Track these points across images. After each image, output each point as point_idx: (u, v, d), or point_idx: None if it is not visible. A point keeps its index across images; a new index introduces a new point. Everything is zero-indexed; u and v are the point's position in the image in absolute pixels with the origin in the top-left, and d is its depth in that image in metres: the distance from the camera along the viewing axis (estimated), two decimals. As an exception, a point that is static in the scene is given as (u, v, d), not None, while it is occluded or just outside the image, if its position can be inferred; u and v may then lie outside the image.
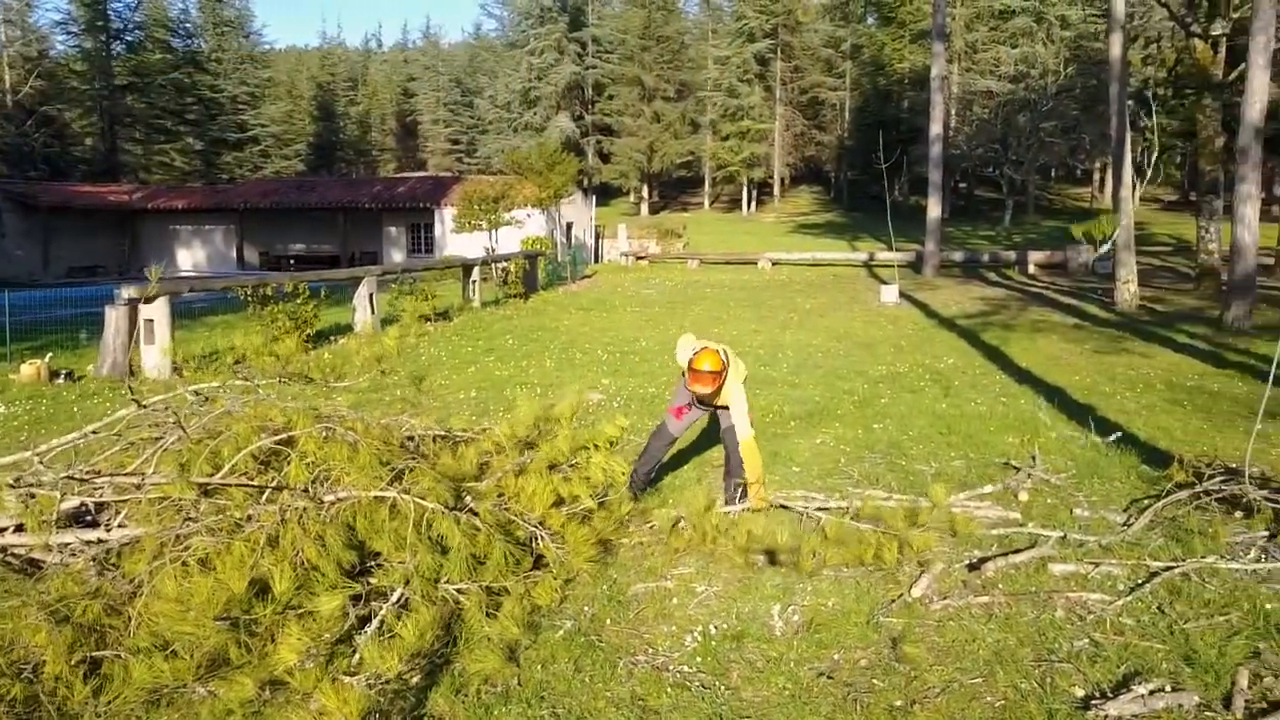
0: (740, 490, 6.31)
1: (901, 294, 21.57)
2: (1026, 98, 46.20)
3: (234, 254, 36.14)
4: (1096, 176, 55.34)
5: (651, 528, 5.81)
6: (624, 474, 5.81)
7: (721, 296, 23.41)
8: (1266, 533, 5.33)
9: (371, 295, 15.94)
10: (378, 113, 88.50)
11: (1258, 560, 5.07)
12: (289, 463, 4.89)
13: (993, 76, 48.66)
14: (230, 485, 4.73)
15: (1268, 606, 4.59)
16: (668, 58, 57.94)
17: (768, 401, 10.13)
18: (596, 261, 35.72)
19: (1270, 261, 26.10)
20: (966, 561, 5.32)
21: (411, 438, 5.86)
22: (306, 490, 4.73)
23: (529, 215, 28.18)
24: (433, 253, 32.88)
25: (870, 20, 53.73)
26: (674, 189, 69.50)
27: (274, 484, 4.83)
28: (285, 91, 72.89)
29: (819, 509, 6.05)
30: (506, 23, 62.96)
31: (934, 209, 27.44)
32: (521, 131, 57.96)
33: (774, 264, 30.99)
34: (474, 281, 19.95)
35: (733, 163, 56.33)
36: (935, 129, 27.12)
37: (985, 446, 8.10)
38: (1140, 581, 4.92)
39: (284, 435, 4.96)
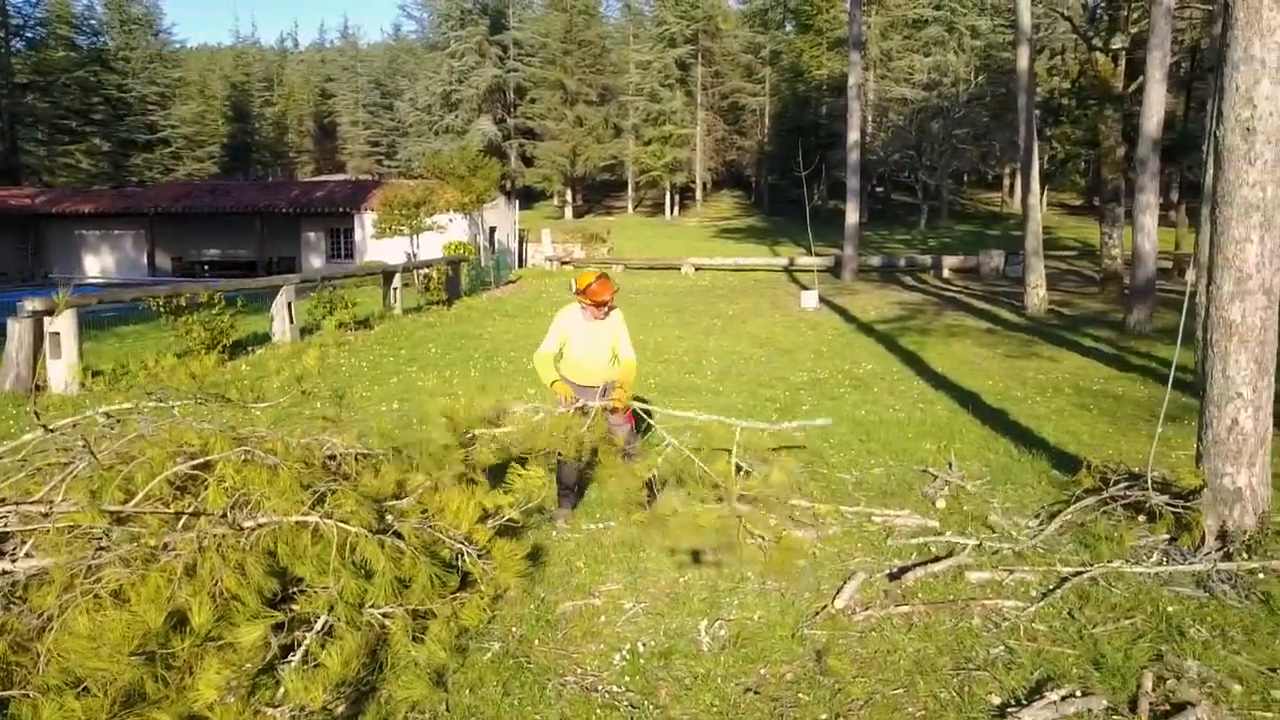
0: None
1: (821, 299, 21.92)
2: (940, 105, 47.42)
3: (145, 260, 34.99)
4: (1006, 182, 57.07)
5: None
6: (546, 483, 5.80)
7: (646, 303, 23.50)
8: (1168, 536, 5.57)
9: (290, 305, 15.59)
10: (294, 114, 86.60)
11: (1160, 564, 5.30)
12: (206, 487, 4.77)
13: (907, 84, 49.82)
14: (145, 513, 4.60)
15: (1169, 609, 4.80)
16: (590, 62, 57.96)
17: (691, 409, 10.19)
18: (520, 266, 35.53)
19: (1169, 265, 27.27)
20: (887, 571, 5.45)
21: (333, 457, 5.76)
22: (225, 516, 4.62)
23: (451, 220, 27.89)
24: (353, 258, 32.32)
25: (789, 27, 54.53)
26: (598, 192, 69.53)
27: (191, 510, 4.70)
28: (197, 91, 70.80)
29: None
30: (426, 24, 62.32)
31: (852, 215, 27.97)
32: (443, 135, 57.37)
33: (697, 269, 31.23)
34: (395, 289, 19.66)
35: (655, 167, 56.62)
36: (853, 136, 27.64)
37: (904, 453, 8.30)
38: (1052, 587, 5.11)
39: (201, 460, 4.84)
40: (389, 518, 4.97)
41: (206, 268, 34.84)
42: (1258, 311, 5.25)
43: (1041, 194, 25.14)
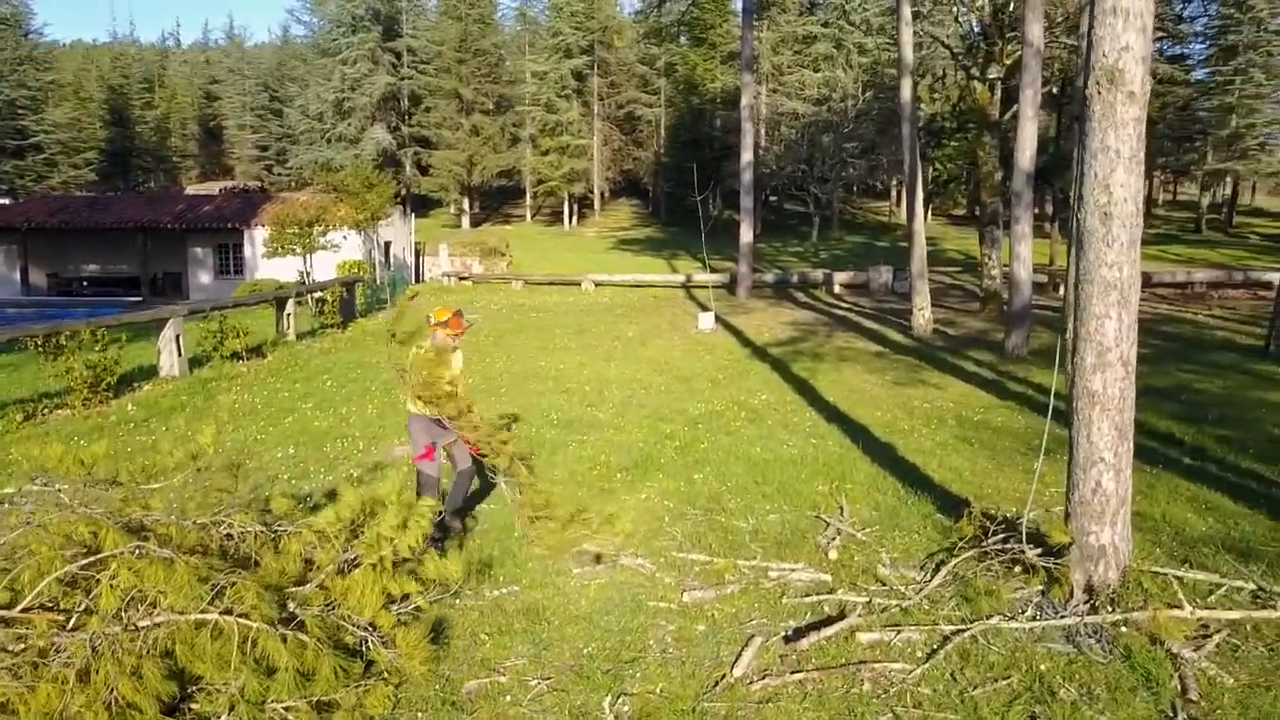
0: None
1: (717, 319, 22.34)
2: (830, 120, 48.73)
3: (17, 277, 33.30)
4: (894, 193, 58.99)
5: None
6: (459, 575, 5.84)
7: (546, 323, 23.55)
8: (1041, 589, 5.95)
9: (179, 337, 15.12)
10: (178, 117, 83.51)
11: (1034, 618, 5.66)
12: (99, 583, 4.68)
13: (798, 99, 51.01)
14: (33, 616, 4.48)
15: (1042, 668, 5.14)
16: (485, 71, 57.53)
17: (595, 451, 10.34)
18: (417, 281, 35.11)
19: (1044, 280, 28.60)
20: (783, 634, 5.68)
21: (231, 535, 5.68)
22: (119, 616, 4.54)
23: (345, 238, 27.39)
24: (243, 274, 31.43)
25: (683, 40, 55.23)
26: (496, 199, 69.05)
27: (83, 608, 4.60)
28: (72, 93, 67.66)
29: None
30: (316, 29, 60.80)
31: (746, 233, 28.53)
32: (335, 143, 56.16)
33: (597, 285, 31.38)
34: (288, 315, 19.23)
35: (553, 177, 56.61)
36: (746, 157, 28.24)
37: (798, 496, 8.59)
38: (935, 647, 5.40)
39: (92, 558, 4.73)
40: (291, 605, 4.96)
41: (85, 284, 33.38)
42: (1117, 382, 5.67)
43: (926, 211, 26.17)
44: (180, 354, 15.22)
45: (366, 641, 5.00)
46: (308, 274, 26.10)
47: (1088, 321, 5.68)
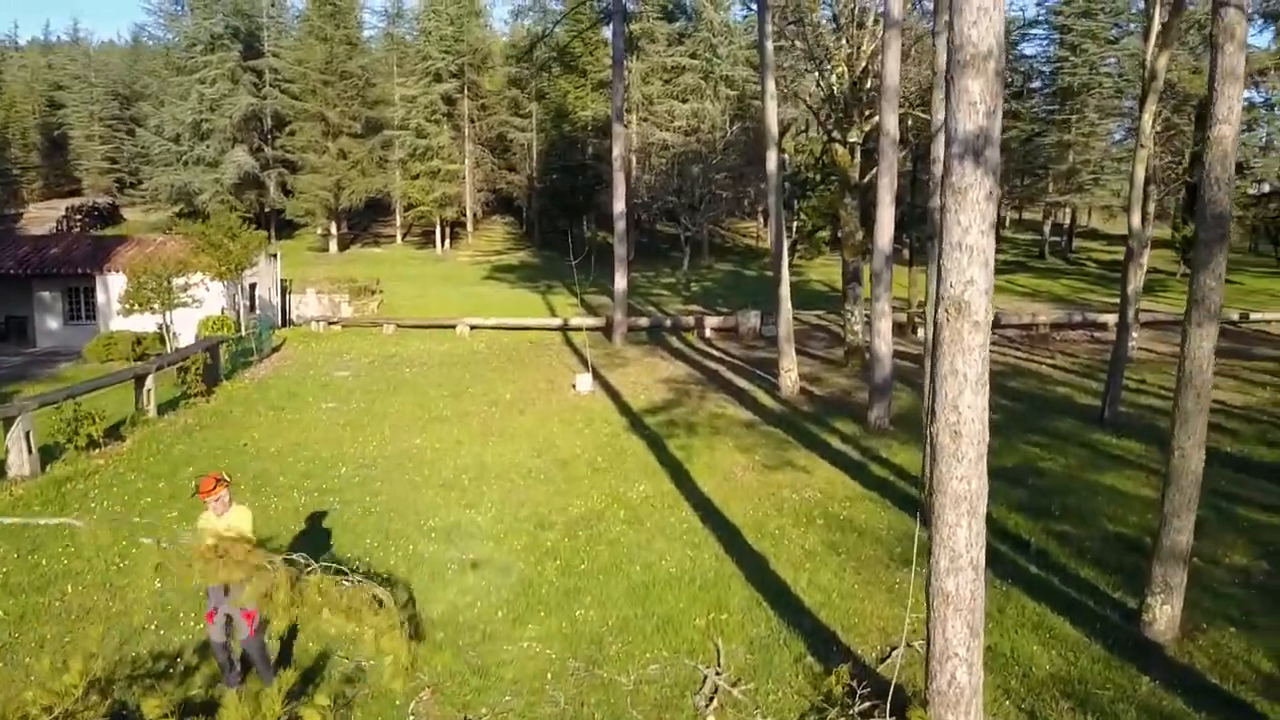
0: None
1: (595, 373, 22.60)
2: (698, 150, 49.68)
3: None
4: (760, 217, 60.53)
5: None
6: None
7: (421, 380, 23.28)
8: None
9: (28, 434, 14.37)
10: (17, 125, 78.25)
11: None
12: None
13: (668, 129, 51.83)
14: None
15: None
16: (353, 93, 56.25)
17: (475, 578, 10.40)
18: (284, 325, 34.09)
19: (903, 319, 29.92)
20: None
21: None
22: None
23: (208, 289, 26.39)
24: (95, 321, 29.84)
25: (554, 67, 55.37)
26: (365, 219, 67.36)
27: None
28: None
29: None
30: (170, 45, 58.14)
31: (620, 280, 28.89)
32: (194, 166, 53.88)
33: (472, 329, 31.18)
34: (148, 390, 18.47)
35: (424, 202, 55.82)
36: (619, 206, 28.61)
37: (677, 635, 8.89)
38: None
39: None
40: None
41: (-85, 331, 31.07)
42: (968, 584, 6.17)
43: (792, 255, 27.20)
44: (30, 451, 14.47)
45: None
46: (168, 328, 25.05)
47: (941, 528, 6.16)
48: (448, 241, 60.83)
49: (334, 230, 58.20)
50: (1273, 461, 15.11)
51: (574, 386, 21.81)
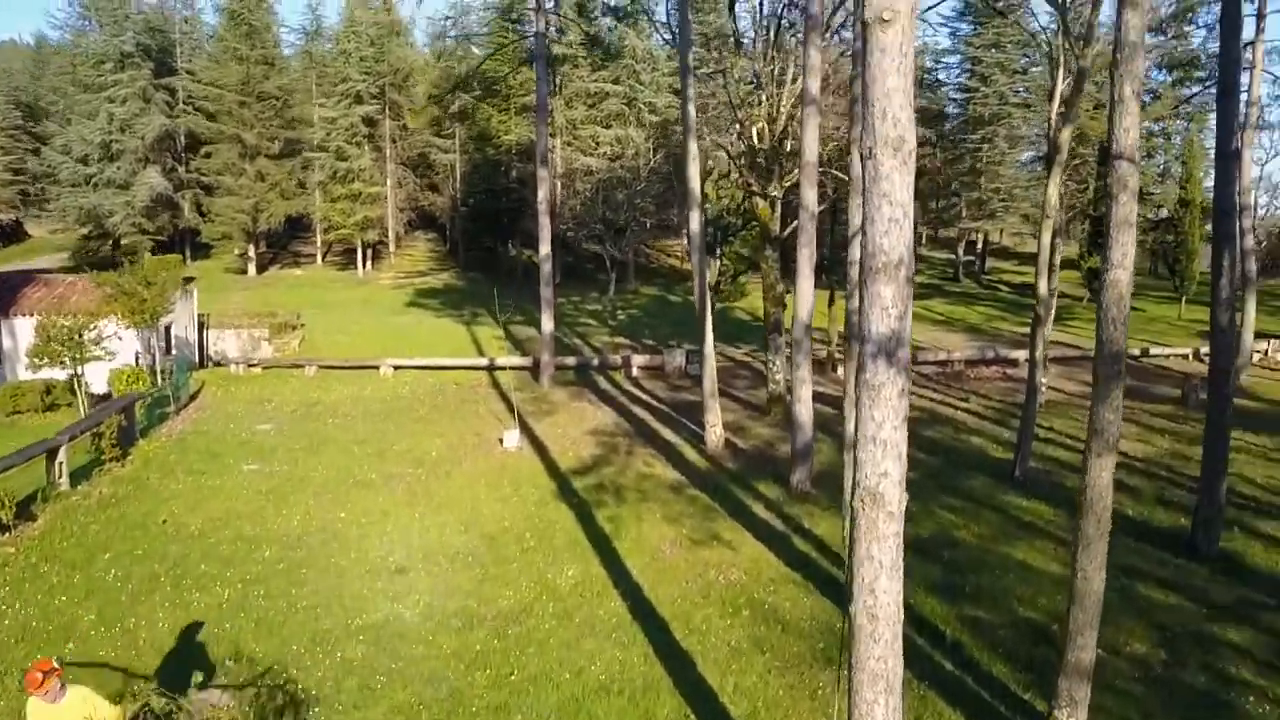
0: None
1: (522, 427, 22.65)
2: (623, 176, 49.95)
3: None
4: (687, 239, 61.04)
5: None
6: None
7: (344, 435, 23.01)
8: None
9: (-68, 528, 13.89)
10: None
11: None
12: None
13: (592, 155, 51.99)
14: None
15: None
16: (270, 114, 55.07)
17: (405, 695, 10.39)
18: (202, 364, 33.30)
19: (822, 355, 30.52)
20: None
21: None
22: None
23: (121, 339, 25.64)
24: (1, 366, 28.77)
25: (476, 89, 55.01)
26: (285, 235, 65.91)
27: None
28: None
29: None
30: (76, 60, 56.09)
31: (547, 323, 29.00)
32: (104, 188, 52.11)
33: (396, 369, 30.88)
34: (60, 463, 17.94)
35: (345, 225, 54.97)
36: (544, 249, 28.73)
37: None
38: None
39: None
40: None
41: None
42: (884, 756, 6.46)
43: (713, 305, 27.73)
44: (-64, 545, 13.98)
45: None
46: (79, 378, 24.27)
47: (859, 704, 6.45)
48: (369, 262, 59.99)
49: (252, 253, 56.92)
50: (1170, 527, 15.91)
51: (501, 441, 21.83)
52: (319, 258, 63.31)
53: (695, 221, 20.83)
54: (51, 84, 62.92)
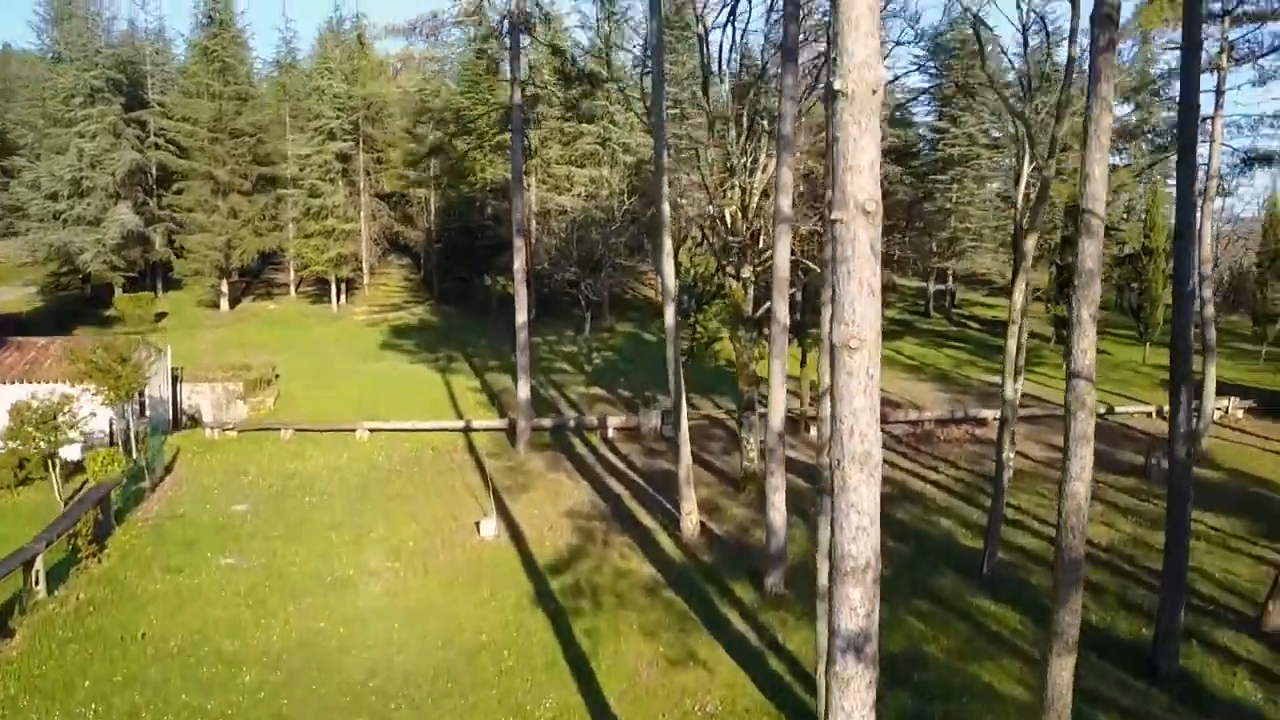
0: None
1: (498, 501, 22.90)
2: (598, 216, 50.15)
3: None
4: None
5: None
6: None
7: (321, 518, 23.10)
8: None
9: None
10: None
11: None
12: None
13: (567, 194, 52.19)
14: None
15: None
16: (243, 150, 54.80)
17: None
18: (176, 421, 33.19)
19: (795, 405, 30.85)
20: None
21: None
22: None
23: (94, 415, 25.59)
24: (-31, 435, 28.60)
25: (450, 125, 55.04)
26: (259, 264, 65.38)
27: None
28: None
29: None
30: (46, 94, 55.47)
31: (523, 389, 29.21)
32: (73, 225, 51.61)
33: (371, 431, 30.95)
34: (37, 570, 17.96)
35: (319, 262, 54.78)
36: (520, 317, 28.91)
37: None
38: None
39: None
40: None
41: None
42: None
43: (684, 377, 28.22)
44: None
45: None
46: (53, 456, 24.20)
47: None
48: (343, 295, 59.81)
49: (225, 288, 56.63)
50: (1132, 639, 16.40)
51: (478, 528, 22.00)
52: (292, 289, 63.07)
53: (670, 316, 21.18)
54: (20, 116, 62.07)
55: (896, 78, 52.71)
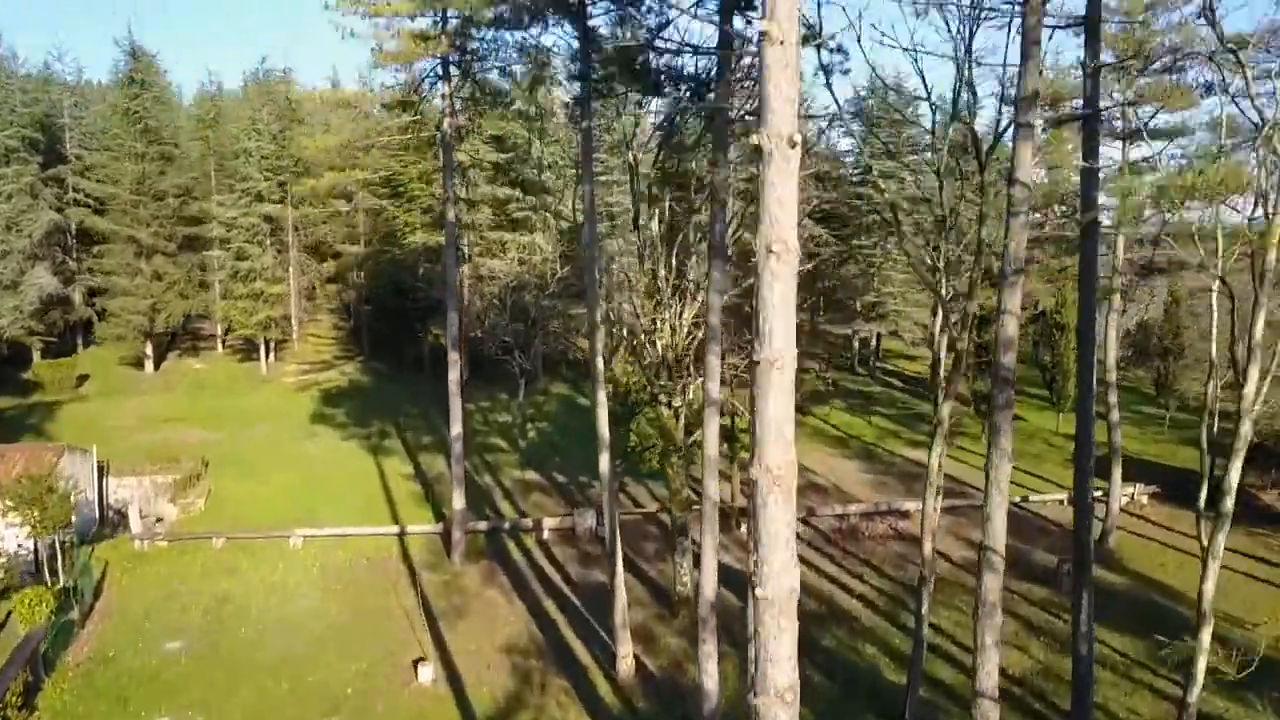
0: None
1: (435, 639, 23.24)
2: (531, 280, 50.49)
3: None
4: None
5: None
6: None
7: (259, 656, 23.16)
8: None
9: None
10: None
11: None
12: None
13: (499, 258, 52.49)
14: None
15: None
16: (168, 213, 53.94)
17: None
18: (103, 524, 32.67)
19: (729, 509, 31.75)
20: None
21: None
22: None
23: (20, 546, 25.25)
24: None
25: (382, 191, 54.98)
26: (185, 318, 64.39)
27: None
28: None
29: None
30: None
31: (458, 499, 29.55)
32: (-13, 291, 50.34)
33: (305, 538, 30.94)
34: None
35: (247, 325, 54.19)
36: (455, 429, 29.22)
37: None
38: None
39: None
40: None
41: None
42: None
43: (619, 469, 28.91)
44: None
45: None
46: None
47: None
48: (272, 354, 59.17)
49: (149, 351, 55.60)
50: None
51: (417, 671, 22.32)
52: (219, 346, 62.22)
53: (604, 464, 21.77)
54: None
55: (822, 131, 54.07)
